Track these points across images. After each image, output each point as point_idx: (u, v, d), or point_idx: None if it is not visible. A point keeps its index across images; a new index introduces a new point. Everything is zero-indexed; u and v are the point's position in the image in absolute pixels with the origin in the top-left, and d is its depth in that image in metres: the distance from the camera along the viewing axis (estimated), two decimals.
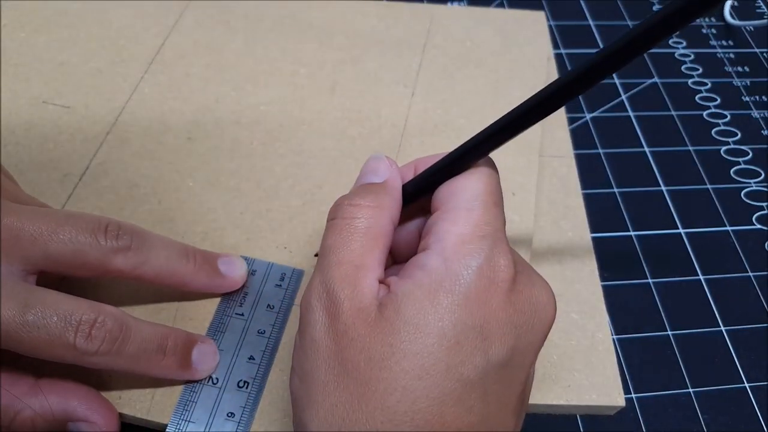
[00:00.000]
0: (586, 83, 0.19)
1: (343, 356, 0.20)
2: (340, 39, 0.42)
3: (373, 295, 0.21)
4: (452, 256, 0.21)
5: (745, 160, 0.43)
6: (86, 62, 0.39)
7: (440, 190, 0.23)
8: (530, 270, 0.23)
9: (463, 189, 0.22)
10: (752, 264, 0.38)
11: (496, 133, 0.21)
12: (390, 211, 0.23)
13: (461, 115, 0.39)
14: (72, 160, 0.34)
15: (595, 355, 0.30)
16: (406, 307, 0.20)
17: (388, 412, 0.19)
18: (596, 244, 0.35)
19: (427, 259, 0.21)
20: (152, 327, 0.26)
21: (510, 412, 0.21)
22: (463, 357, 0.20)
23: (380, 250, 0.22)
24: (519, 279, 0.21)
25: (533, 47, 0.43)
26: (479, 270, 0.20)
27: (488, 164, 0.23)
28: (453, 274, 0.20)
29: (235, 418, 0.26)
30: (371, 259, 0.22)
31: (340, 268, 0.21)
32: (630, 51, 0.18)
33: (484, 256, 0.21)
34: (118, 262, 0.25)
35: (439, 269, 0.20)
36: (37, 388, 0.24)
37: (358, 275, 0.21)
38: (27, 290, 0.23)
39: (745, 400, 0.33)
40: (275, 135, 0.37)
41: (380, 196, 0.23)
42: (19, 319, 0.22)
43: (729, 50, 0.51)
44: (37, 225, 0.24)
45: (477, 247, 0.21)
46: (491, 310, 0.20)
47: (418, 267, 0.21)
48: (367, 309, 0.20)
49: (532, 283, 0.22)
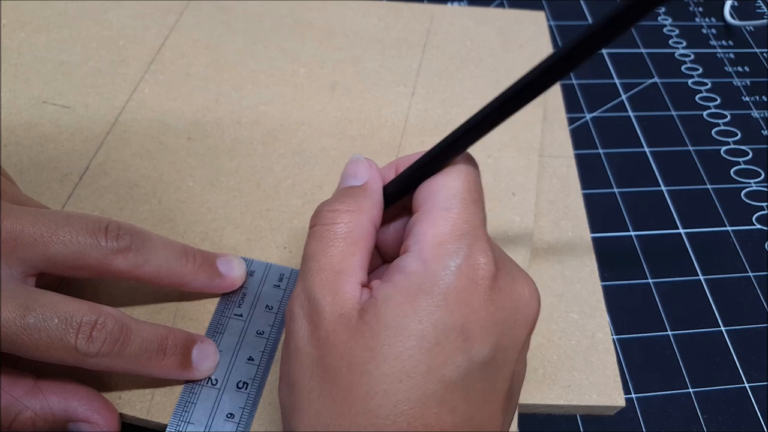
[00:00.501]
0: (547, 81, 0.19)
1: (325, 363, 0.20)
2: (340, 39, 0.42)
3: (354, 300, 0.21)
4: (431, 258, 0.21)
5: (745, 160, 0.43)
6: (86, 62, 0.39)
7: (419, 189, 0.23)
8: (512, 265, 0.22)
9: (441, 188, 0.22)
10: (752, 264, 0.38)
11: (472, 130, 0.21)
12: (370, 213, 0.23)
13: (461, 115, 0.39)
14: (72, 160, 0.34)
15: (595, 355, 0.30)
16: (386, 311, 0.20)
17: (371, 416, 0.19)
18: (596, 244, 0.35)
19: (406, 261, 0.21)
20: (152, 327, 0.26)
21: (496, 410, 0.21)
22: (444, 358, 0.20)
23: (361, 253, 0.22)
24: (500, 275, 0.21)
25: (533, 47, 0.43)
26: (458, 270, 0.20)
27: (466, 161, 0.23)
28: (432, 276, 0.20)
29: (234, 419, 0.26)
30: (352, 264, 0.22)
31: (320, 274, 0.21)
32: (599, 38, 0.18)
33: (462, 255, 0.21)
34: (118, 262, 0.25)
35: (417, 271, 0.20)
36: (37, 389, 0.24)
37: (338, 281, 0.21)
38: (27, 293, 0.23)
39: (745, 400, 0.33)
40: (275, 135, 0.37)
41: (359, 199, 0.23)
42: (20, 322, 0.22)
43: (729, 50, 0.51)
44: (37, 227, 0.24)
45: (455, 247, 0.21)
46: (472, 309, 0.20)
47: (397, 270, 0.21)
48: (348, 314, 0.20)
49: (514, 278, 0.22)
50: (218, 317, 0.29)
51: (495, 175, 0.36)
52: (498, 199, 0.35)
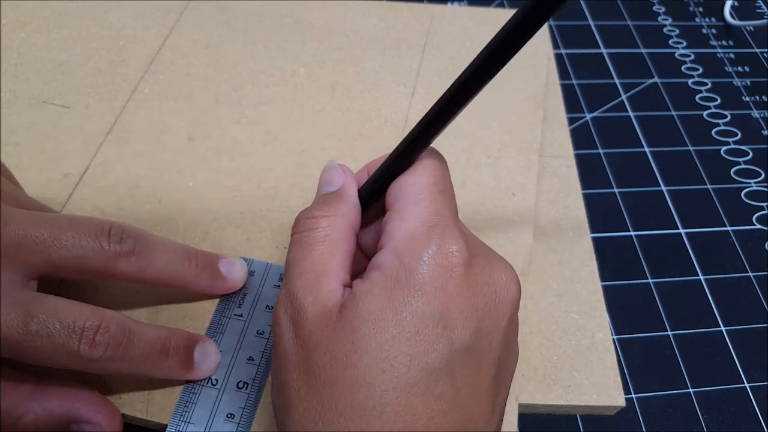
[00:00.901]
0: (490, 69, 0.21)
1: (310, 361, 0.20)
2: (340, 39, 0.42)
3: (336, 299, 0.21)
4: (404, 251, 0.21)
5: (745, 160, 0.43)
6: (86, 62, 0.39)
7: (390, 189, 0.23)
8: (488, 251, 0.23)
9: (409, 185, 0.23)
10: (752, 264, 0.38)
11: (429, 125, 0.22)
12: (347, 217, 0.24)
13: (461, 115, 0.39)
14: (72, 160, 0.34)
15: (595, 355, 0.30)
16: (365, 305, 0.20)
17: (358, 409, 0.19)
18: (596, 244, 0.35)
19: (381, 258, 0.21)
20: (154, 329, 0.26)
21: (483, 395, 0.21)
22: (426, 346, 0.20)
23: (342, 255, 0.23)
24: (475, 262, 0.22)
25: (533, 47, 0.43)
26: (432, 259, 0.21)
27: (431, 155, 0.24)
28: (406, 268, 0.21)
29: (234, 419, 0.26)
30: (333, 266, 0.22)
31: (302, 278, 0.22)
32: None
33: (435, 245, 0.21)
34: (121, 266, 0.25)
35: (392, 265, 0.21)
36: (39, 392, 0.24)
37: (319, 282, 0.22)
38: (29, 298, 0.23)
39: (745, 400, 0.33)
40: (275, 135, 0.37)
41: (335, 204, 0.24)
42: (22, 330, 0.22)
43: (729, 50, 0.51)
44: (39, 231, 0.24)
45: (426, 238, 0.21)
46: (449, 296, 0.20)
47: (374, 267, 0.21)
48: (330, 312, 0.21)
49: (490, 263, 0.22)
50: (218, 317, 0.29)
51: (495, 175, 0.36)
52: (498, 199, 0.35)
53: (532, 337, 0.31)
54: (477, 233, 0.34)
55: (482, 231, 0.34)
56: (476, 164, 0.36)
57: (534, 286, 0.33)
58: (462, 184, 0.35)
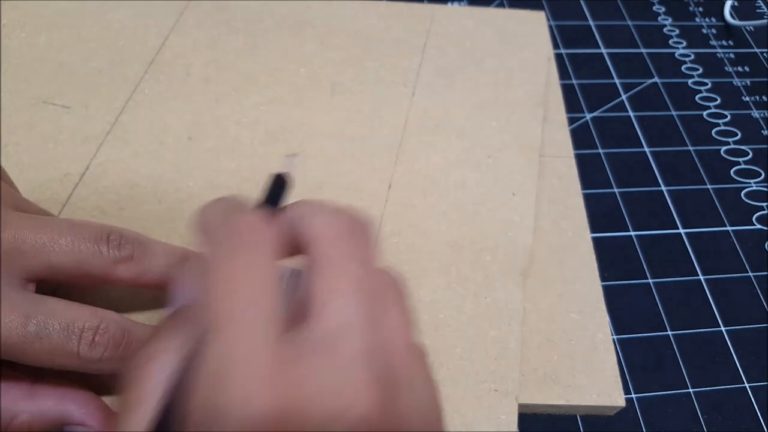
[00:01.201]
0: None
1: None
2: (340, 39, 0.42)
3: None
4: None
5: (745, 160, 0.43)
6: (86, 62, 0.39)
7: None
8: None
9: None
10: (752, 264, 0.38)
11: None
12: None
13: (461, 115, 0.39)
14: (72, 160, 0.34)
15: (595, 355, 0.30)
16: None
17: None
18: (596, 244, 0.35)
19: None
20: (153, 329, 0.25)
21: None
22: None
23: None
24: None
25: (533, 47, 0.43)
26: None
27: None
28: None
29: None
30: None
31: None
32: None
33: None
34: (120, 271, 0.25)
35: None
36: (33, 393, 0.24)
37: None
38: (27, 300, 0.23)
39: (745, 400, 0.33)
40: (275, 135, 0.37)
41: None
42: (21, 331, 0.22)
43: (729, 50, 0.51)
44: (38, 235, 0.24)
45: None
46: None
47: None
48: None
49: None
50: None
51: (495, 175, 0.36)
52: (498, 199, 0.35)
53: (532, 337, 0.31)
54: (477, 233, 0.34)
55: (482, 231, 0.34)
56: (476, 164, 0.36)
57: (534, 286, 0.33)
58: (462, 184, 0.35)
